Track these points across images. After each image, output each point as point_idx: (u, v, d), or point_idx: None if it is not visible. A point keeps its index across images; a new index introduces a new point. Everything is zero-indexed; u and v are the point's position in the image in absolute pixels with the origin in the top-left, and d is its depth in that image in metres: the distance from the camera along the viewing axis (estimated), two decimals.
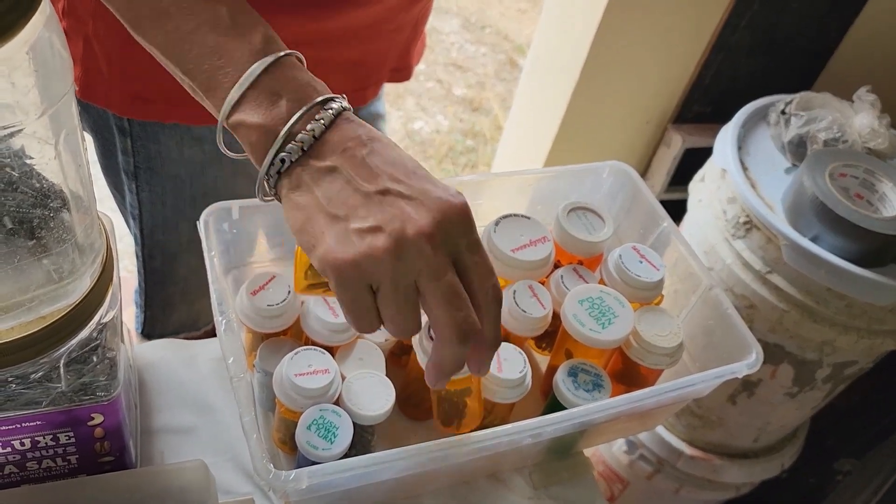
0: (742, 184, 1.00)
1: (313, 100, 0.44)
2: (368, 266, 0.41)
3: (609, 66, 1.29)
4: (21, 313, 0.44)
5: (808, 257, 0.93)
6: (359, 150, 0.44)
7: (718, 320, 0.64)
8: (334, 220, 0.42)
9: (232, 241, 0.62)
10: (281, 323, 0.59)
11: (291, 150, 0.43)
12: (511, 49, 2.62)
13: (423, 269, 0.42)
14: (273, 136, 0.44)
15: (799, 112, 1.05)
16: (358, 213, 0.42)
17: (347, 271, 0.42)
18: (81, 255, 0.46)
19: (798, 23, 1.30)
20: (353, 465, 0.48)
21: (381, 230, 0.41)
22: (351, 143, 0.44)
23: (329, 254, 0.42)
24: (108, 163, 0.78)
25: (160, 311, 0.92)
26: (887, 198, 0.97)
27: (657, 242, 0.70)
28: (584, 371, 0.60)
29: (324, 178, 0.43)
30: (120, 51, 0.66)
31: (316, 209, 0.43)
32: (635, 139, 1.43)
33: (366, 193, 0.43)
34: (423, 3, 0.74)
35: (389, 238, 0.41)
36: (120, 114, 0.70)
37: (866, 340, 0.99)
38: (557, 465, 0.68)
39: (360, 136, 0.44)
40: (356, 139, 0.44)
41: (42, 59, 0.37)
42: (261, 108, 0.44)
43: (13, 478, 0.54)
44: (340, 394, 0.56)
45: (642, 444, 1.25)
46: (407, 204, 0.42)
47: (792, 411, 1.16)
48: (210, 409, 0.66)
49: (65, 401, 0.49)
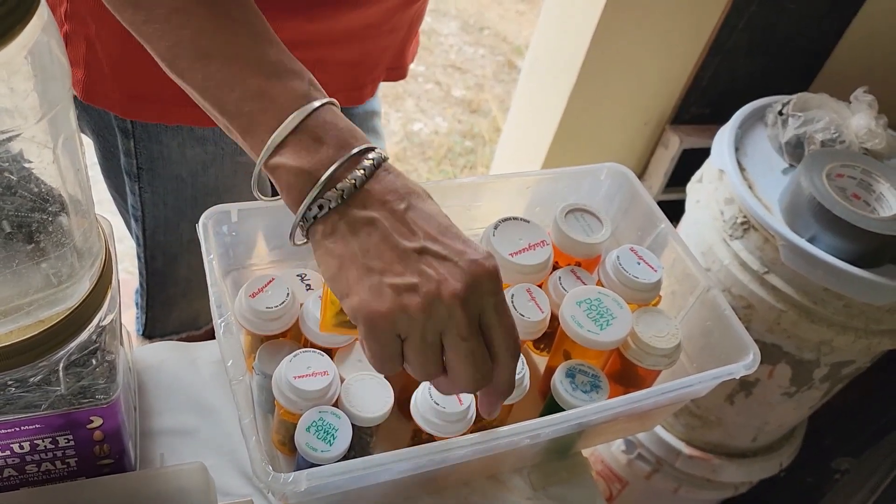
0: (739, 184, 1.00)
1: (354, 148, 0.45)
2: (400, 321, 0.43)
3: (607, 67, 1.29)
4: (20, 317, 0.44)
5: (806, 258, 0.93)
6: (398, 203, 0.45)
7: (716, 321, 0.64)
8: (370, 272, 0.44)
9: (231, 243, 0.63)
10: (280, 325, 0.59)
11: (331, 196, 0.44)
12: (509, 51, 2.62)
13: (451, 328, 0.44)
14: (313, 180, 0.44)
15: (796, 113, 1.05)
16: (394, 268, 0.44)
17: (380, 323, 0.43)
18: (80, 258, 0.46)
19: (795, 24, 1.30)
20: (352, 468, 0.49)
21: (415, 289, 0.43)
22: (391, 197, 0.45)
23: (363, 305, 0.44)
24: (109, 164, 0.79)
25: (161, 311, 0.92)
26: (884, 198, 0.97)
27: (655, 244, 0.70)
28: (582, 372, 0.61)
29: (362, 229, 0.44)
30: (122, 53, 0.66)
31: (350, 259, 0.44)
32: (633, 140, 1.44)
33: (403, 250, 0.44)
34: (418, 4, 0.75)
35: (425, 298, 0.43)
36: (122, 115, 0.71)
37: (864, 340, 0.99)
38: (556, 465, 0.68)
39: (398, 189, 0.45)
40: (395, 192, 0.45)
41: (40, 63, 0.38)
42: (302, 152, 0.45)
43: (12, 481, 0.54)
44: (339, 396, 0.56)
45: (641, 443, 1.25)
46: (442, 265, 0.44)
47: (790, 411, 1.16)
48: (209, 411, 0.66)
49: (64, 404, 0.49)
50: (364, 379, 0.57)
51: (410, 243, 0.44)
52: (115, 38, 0.66)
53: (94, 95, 0.69)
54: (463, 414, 0.55)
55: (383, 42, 0.76)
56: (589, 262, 0.69)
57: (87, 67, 0.68)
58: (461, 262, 0.44)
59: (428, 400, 0.55)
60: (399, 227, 0.44)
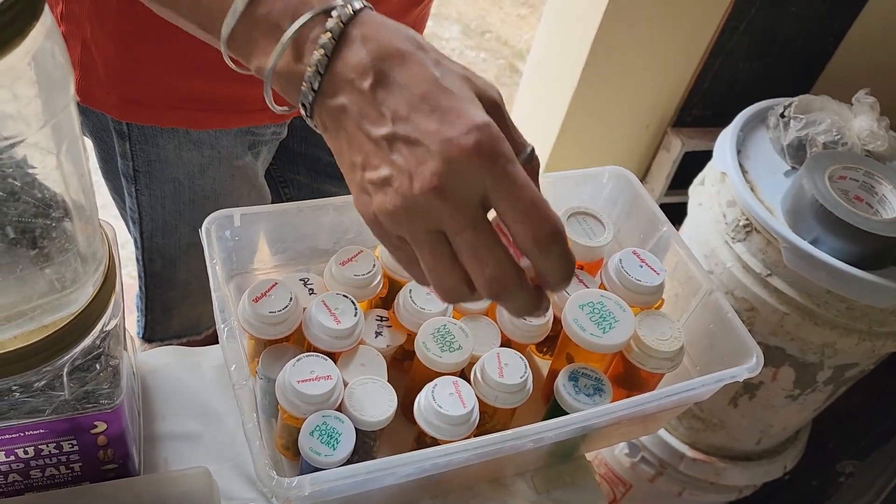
0: (742, 187, 1.00)
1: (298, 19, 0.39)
2: (387, 223, 0.39)
3: (608, 70, 1.29)
4: (24, 322, 0.44)
5: (809, 260, 0.93)
6: (364, 80, 0.38)
7: (719, 324, 0.64)
8: (353, 168, 0.40)
9: (234, 248, 0.63)
10: (283, 329, 0.59)
11: (304, 93, 0.39)
12: (511, 54, 2.62)
13: (442, 224, 0.38)
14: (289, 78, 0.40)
15: (798, 115, 1.05)
16: (371, 161, 0.39)
17: (373, 226, 0.40)
18: (84, 264, 0.46)
19: (796, 26, 1.30)
20: (356, 472, 0.49)
21: (389, 184, 0.38)
22: (355, 74, 0.38)
23: (356, 205, 0.40)
24: (108, 167, 0.79)
25: (161, 315, 0.92)
26: (887, 200, 0.97)
27: (657, 247, 0.70)
28: (585, 375, 0.61)
29: (338, 119, 0.40)
30: (117, 55, 0.66)
31: (341, 154, 0.40)
32: (635, 143, 1.44)
33: (374, 139, 0.38)
34: (420, 8, 0.75)
35: (397, 195, 0.38)
36: (118, 118, 0.71)
37: (867, 342, 0.99)
38: (560, 468, 0.68)
39: (363, 60, 0.38)
40: (361, 66, 0.38)
41: (44, 69, 0.38)
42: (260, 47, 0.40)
43: (17, 486, 0.54)
44: (343, 400, 0.56)
45: (644, 446, 1.25)
46: (413, 151, 0.37)
47: (793, 413, 1.16)
48: (213, 415, 0.66)
49: (68, 409, 0.49)
50: (367, 383, 0.57)
51: (379, 129, 0.38)
52: (111, 39, 0.66)
53: (90, 97, 0.69)
54: (466, 417, 0.55)
55: None
56: (591, 266, 0.69)
57: (83, 70, 0.68)
58: (433, 144, 0.37)
59: (431, 403, 0.55)
60: (368, 110, 0.38)
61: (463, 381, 0.57)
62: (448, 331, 0.60)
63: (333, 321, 0.58)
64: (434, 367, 0.58)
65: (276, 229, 0.64)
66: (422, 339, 0.59)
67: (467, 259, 0.38)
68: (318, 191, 0.93)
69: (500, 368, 0.58)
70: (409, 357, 0.64)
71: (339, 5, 0.39)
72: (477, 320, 0.63)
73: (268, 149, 0.83)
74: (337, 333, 0.58)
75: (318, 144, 0.90)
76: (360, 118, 0.39)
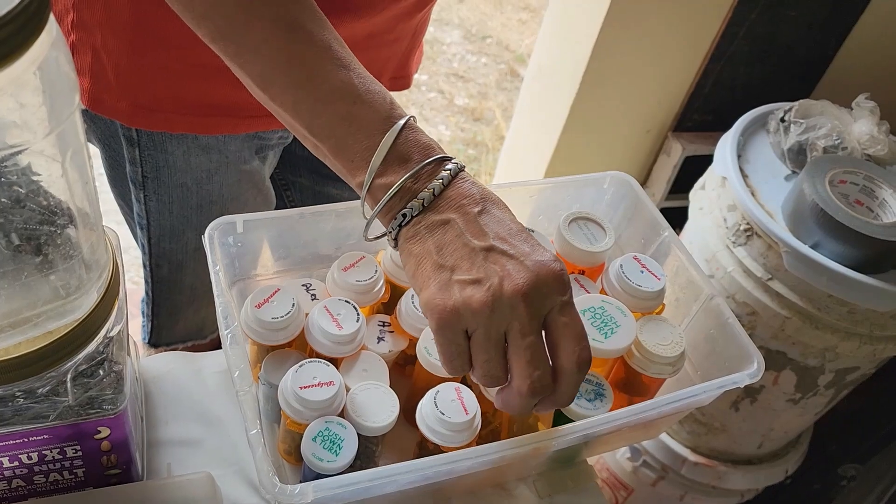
0: (742, 191, 1.00)
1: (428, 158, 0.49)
2: (466, 314, 0.46)
3: (609, 75, 1.29)
4: (28, 329, 0.44)
5: (809, 264, 0.93)
6: (472, 207, 0.48)
7: (720, 329, 0.64)
8: (440, 269, 0.47)
9: (237, 254, 0.63)
10: (285, 335, 0.59)
11: (413, 206, 0.48)
12: (512, 59, 2.63)
13: (514, 324, 0.45)
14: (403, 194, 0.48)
15: (798, 119, 1.05)
16: (463, 265, 0.46)
17: (446, 317, 0.46)
18: (88, 270, 0.46)
19: (796, 31, 1.31)
20: (359, 479, 0.49)
21: (480, 284, 0.46)
22: (466, 201, 0.48)
23: (432, 298, 0.46)
24: (115, 173, 0.79)
25: (167, 319, 0.92)
26: (887, 204, 0.97)
27: (658, 252, 0.70)
28: (586, 381, 0.61)
29: (438, 229, 0.48)
30: (128, 62, 0.67)
31: (426, 257, 0.48)
32: (636, 148, 1.44)
33: (472, 248, 0.47)
34: (421, 14, 0.75)
35: (487, 292, 0.45)
36: (128, 124, 0.71)
37: (868, 346, 0.99)
38: (562, 473, 0.68)
39: (474, 194, 0.48)
40: (471, 197, 0.48)
41: (49, 78, 0.38)
42: (392, 171, 0.48)
43: (20, 491, 0.54)
44: (345, 405, 0.56)
45: (646, 451, 1.25)
46: (508, 262, 0.46)
47: (795, 417, 1.16)
48: (216, 421, 0.66)
49: (72, 415, 0.49)
50: (369, 389, 0.57)
51: (480, 242, 0.47)
52: (121, 47, 0.66)
53: (100, 104, 0.70)
54: (468, 424, 0.56)
55: (387, 51, 0.76)
56: (592, 271, 0.70)
57: (93, 77, 0.68)
58: (527, 261, 0.46)
59: (433, 410, 0.56)
60: (471, 227, 0.47)
61: (465, 387, 0.57)
62: None
63: (335, 327, 0.58)
64: (436, 372, 0.59)
65: (278, 235, 0.64)
66: (424, 344, 0.59)
67: (523, 359, 0.46)
68: (320, 193, 0.94)
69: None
70: (411, 362, 0.64)
71: (453, 158, 0.50)
72: None
73: (274, 153, 0.83)
74: (339, 339, 0.58)
75: None
76: (462, 231, 0.47)
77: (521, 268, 0.46)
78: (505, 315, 0.45)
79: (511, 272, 0.46)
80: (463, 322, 0.46)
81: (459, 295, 0.46)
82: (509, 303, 0.45)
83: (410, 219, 0.48)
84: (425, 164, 0.48)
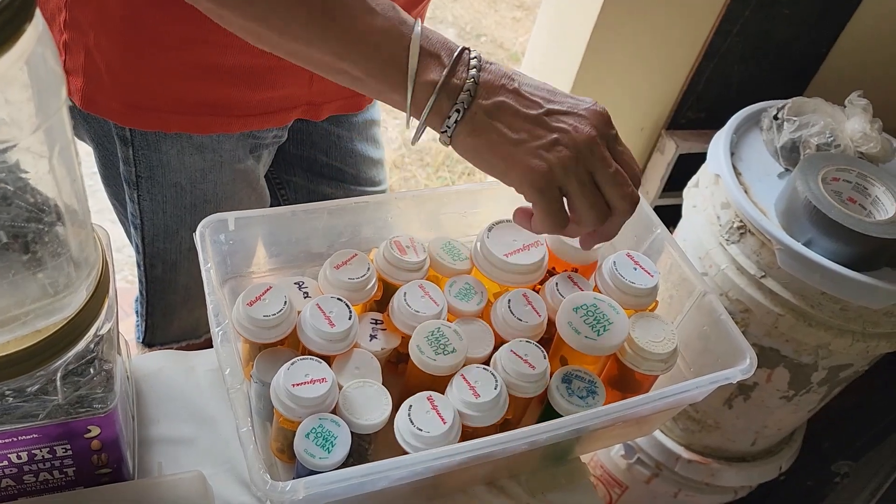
0: (735, 189, 1.00)
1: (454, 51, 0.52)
2: (559, 173, 0.52)
3: (602, 73, 1.29)
4: (17, 327, 0.44)
5: (802, 261, 0.94)
6: (510, 83, 0.53)
7: (713, 326, 0.64)
8: (518, 144, 0.52)
9: (229, 251, 0.63)
10: (278, 333, 0.59)
11: (463, 99, 0.51)
12: (506, 57, 2.62)
13: (597, 164, 0.53)
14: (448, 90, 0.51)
15: (791, 117, 1.05)
16: (536, 133, 0.52)
17: (545, 181, 0.52)
18: (77, 268, 0.46)
19: (789, 29, 1.31)
20: (350, 475, 0.49)
21: (559, 142, 0.52)
22: (504, 80, 0.53)
23: (526, 172, 0.52)
24: (108, 173, 0.79)
25: (161, 319, 0.92)
26: (880, 201, 0.97)
27: (651, 249, 0.70)
28: (579, 378, 0.61)
29: (495, 112, 0.52)
30: (122, 61, 0.67)
31: (498, 142, 0.52)
32: (629, 145, 1.43)
33: (535, 117, 0.52)
34: (416, 11, 0.75)
35: (567, 148, 0.52)
36: (122, 123, 0.71)
37: (861, 343, 0.99)
38: (554, 471, 0.68)
39: (505, 72, 0.53)
40: (505, 76, 0.53)
41: (36, 74, 0.38)
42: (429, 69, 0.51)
43: (10, 491, 0.54)
44: (337, 403, 0.56)
45: (640, 448, 1.25)
46: (568, 118, 0.53)
47: (788, 414, 1.16)
48: (208, 419, 0.66)
49: (61, 413, 0.49)
50: (362, 386, 0.57)
51: (536, 110, 0.52)
52: (115, 46, 0.66)
53: (93, 104, 0.70)
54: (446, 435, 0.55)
55: None
56: (586, 268, 0.70)
57: (86, 76, 0.68)
58: (580, 111, 0.53)
59: (409, 426, 0.55)
60: (522, 100, 0.52)
61: (438, 394, 0.57)
62: (442, 333, 0.60)
63: (328, 324, 0.58)
64: (428, 369, 0.59)
65: (270, 233, 0.64)
66: (416, 342, 0.59)
67: (615, 184, 0.53)
68: (314, 192, 0.93)
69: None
70: (403, 360, 0.64)
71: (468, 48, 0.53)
72: (471, 323, 0.63)
73: (268, 152, 0.83)
74: (331, 336, 0.58)
75: (315, 146, 0.90)
76: (517, 107, 0.52)
77: (580, 118, 0.52)
78: (588, 160, 0.52)
79: (576, 125, 0.52)
80: (557, 180, 0.52)
81: (550, 157, 0.51)
82: (588, 149, 0.52)
83: (464, 112, 0.51)
84: (455, 57, 0.51)
